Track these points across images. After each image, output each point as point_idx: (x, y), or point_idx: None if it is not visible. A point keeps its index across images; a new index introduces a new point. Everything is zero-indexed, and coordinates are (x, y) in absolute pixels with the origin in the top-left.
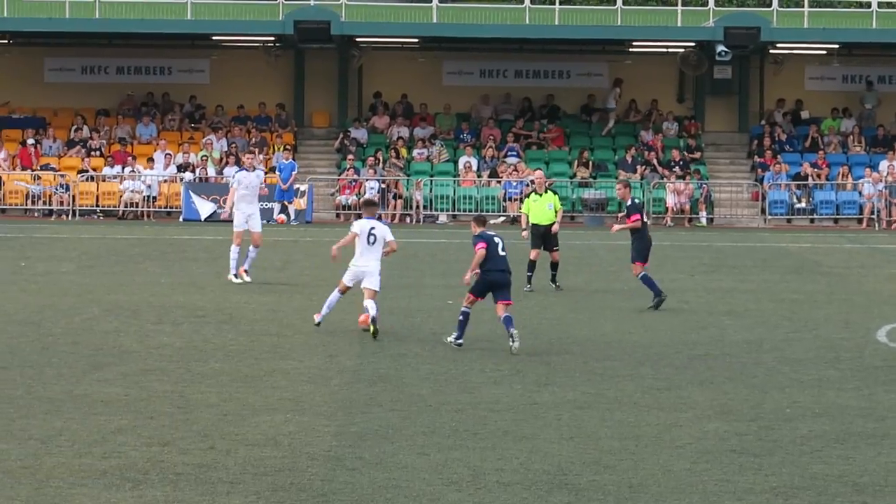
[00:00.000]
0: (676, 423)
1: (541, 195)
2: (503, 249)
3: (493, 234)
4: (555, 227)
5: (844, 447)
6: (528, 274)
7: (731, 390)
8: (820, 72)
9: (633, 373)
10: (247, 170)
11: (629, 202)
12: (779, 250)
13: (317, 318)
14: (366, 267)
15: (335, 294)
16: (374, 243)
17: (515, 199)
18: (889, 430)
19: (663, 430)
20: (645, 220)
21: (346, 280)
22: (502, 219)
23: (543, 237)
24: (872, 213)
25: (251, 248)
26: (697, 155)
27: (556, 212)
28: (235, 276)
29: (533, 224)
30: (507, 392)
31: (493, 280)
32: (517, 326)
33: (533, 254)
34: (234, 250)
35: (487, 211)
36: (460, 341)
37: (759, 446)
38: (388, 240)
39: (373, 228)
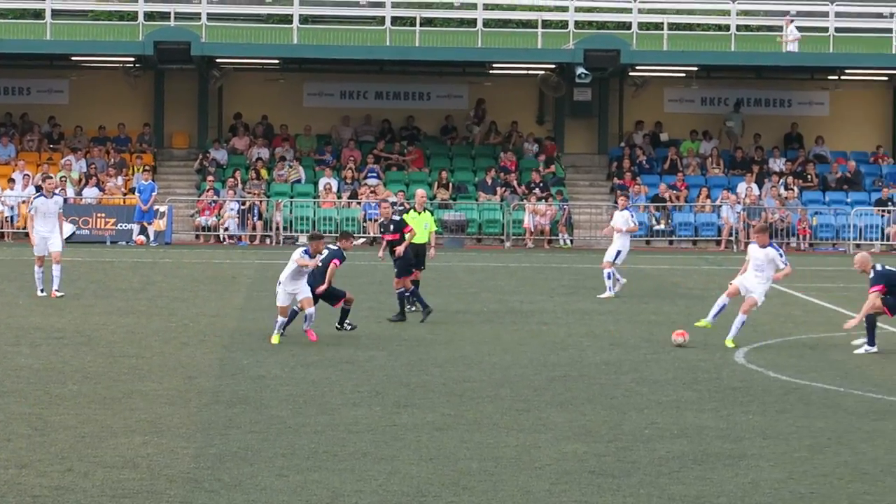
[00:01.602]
0: (535, 444)
1: (420, 213)
2: None
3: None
4: (431, 253)
5: (702, 468)
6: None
7: (590, 411)
8: (679, 94)
9: (493, 394)
10: (45, 196)
11: (396, 218)
12: (637, 272)
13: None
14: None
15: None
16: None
17: (376, 220)
18: (746, 450)
19: (522, 451)
20: (405, 236)
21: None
22: (362, 240)
23: (418, 256)
24: (731, 234)
25: (54, 265)
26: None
27: (429, 232)
28: (41, 290)
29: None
30: (366, 413)
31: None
32: (374, 348)
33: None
34: (37, 271)
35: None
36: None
37: (617, 467)
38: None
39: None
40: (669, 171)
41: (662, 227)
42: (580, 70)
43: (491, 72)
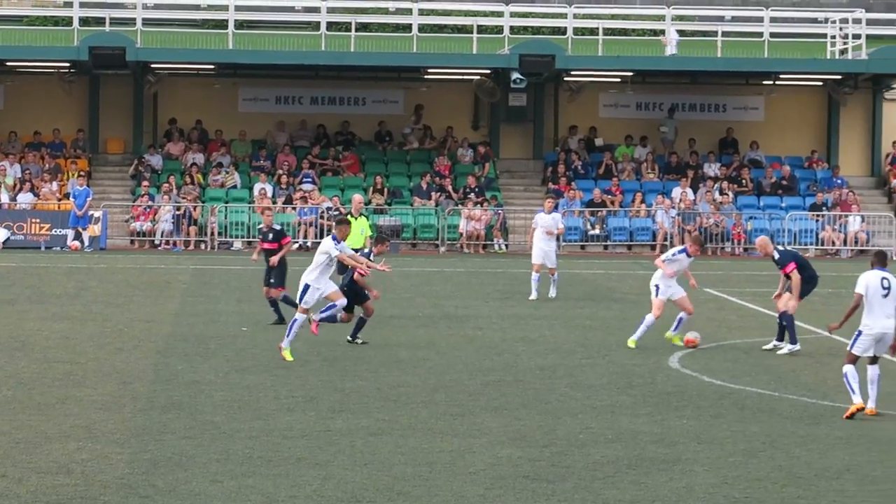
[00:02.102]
0: (470, 449)
1: (356, 218)
2: None
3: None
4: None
5: (637, 473)
6: None
7: (525, 416)
8: (614, 99)
9: (427, 399)
10: None
11: (276, 227)
12: (573, 277)
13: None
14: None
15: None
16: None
17: (311, 226)
18: (680, 455)
19: (457, 456)
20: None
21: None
22: (297, 245)
23: None
24: (665, 239)
25: None
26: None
27: (365, 237)
28: None
29: None
30: (300, 419)
31: None
32: (309, 354)
33: None
34: None
35: None
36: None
37: (551, 472)
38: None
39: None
40: (604, 176)
41: (597, 231)
42: (515, 75)
43: (426, 77)
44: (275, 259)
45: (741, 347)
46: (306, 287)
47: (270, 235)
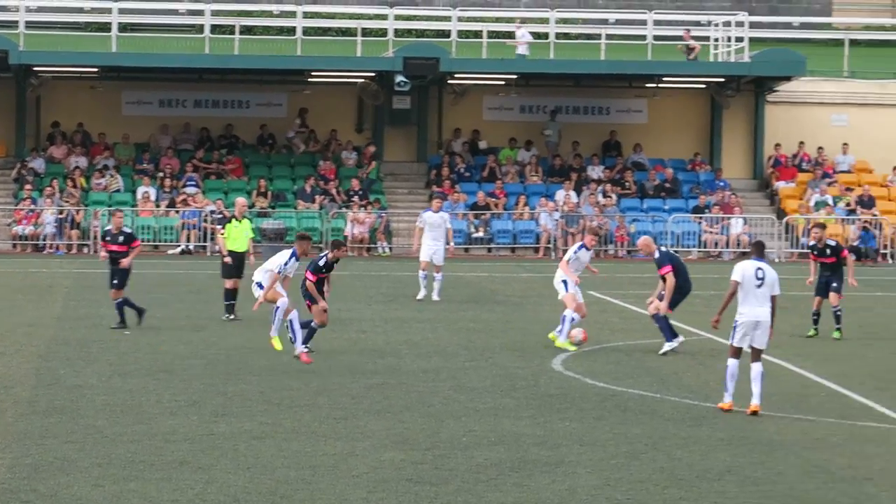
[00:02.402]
0: (353, 452)
1: (240, 221)
2: None
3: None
4: (251, 261)
5: (520, 475)
6: (229, 303)
7: (408, 419)
8: (498, 102)
9: (311, 402)
10: None
11: (127, 230)
12: (456, 279)
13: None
14: None
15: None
16: None
17: (194, 230)
18: (563, 457)
19: (340, 459)
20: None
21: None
22: (180, 248)
23: (238, 265)
24: (549, 242)
25: None
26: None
27: (248, 240)
28: None
29: (230, 251)
30: (183, 422)
31: None
32: (192, 357)
33: (230, 283)
34: None
35: (165, 241)
36: None
37: (434, 475)
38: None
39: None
40: (488, 179)
41: (481, 234)
42: (399, 78)
43: (310, 80)
44: (126, 261)
45: (624, 350)
46: (259, 285)
47: (121, 238)
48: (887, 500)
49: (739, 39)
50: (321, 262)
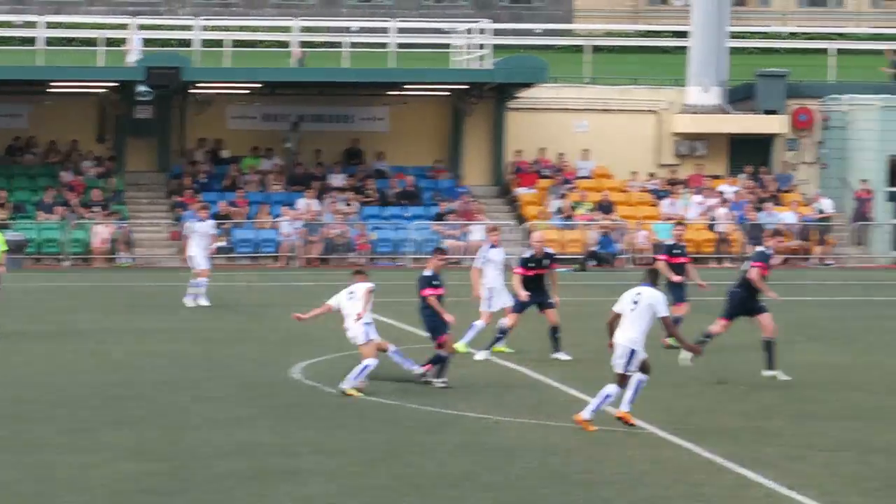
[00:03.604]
0: (91, 464)
1: None
2: None
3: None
4: (1, 270)
5: (258, 484)
6: None
7: (147, 431)
8: (241, 111)
9: (48, 415)
10: None
11: None
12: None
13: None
14: None
15: None
16: None
17: None
18: (302, 465)
19: (78, 471)
20: None
21: None
22: None
23: None
24: (290, 250)
25: None
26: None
27: (2, 253)
28: None
29: None
30: None
31: None
32: None
33: None
34: None
35: None
36: None
37: (172, 486)
38: None
39: None
40: (230, 188)
41: (223, 243)
42: (141, 88)
43: (48, 90)
44: None
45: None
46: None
47: None
48: (623, 503)
49: (482, 46)
50: (427, 273)
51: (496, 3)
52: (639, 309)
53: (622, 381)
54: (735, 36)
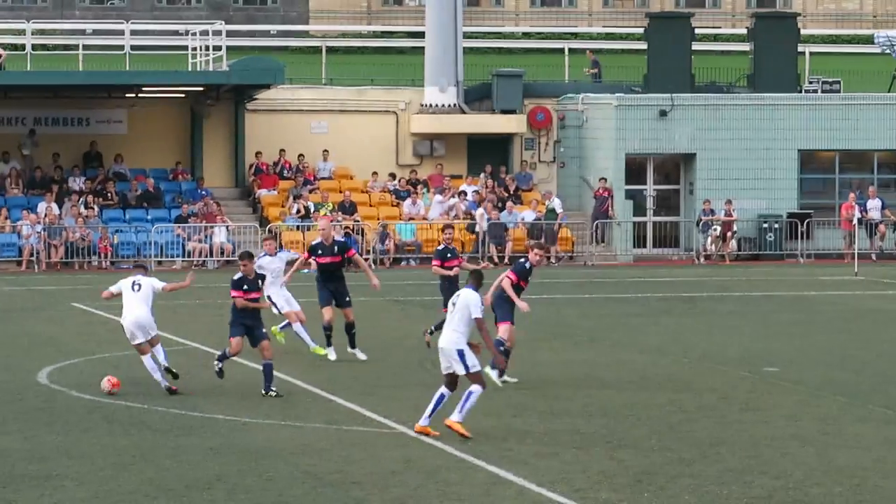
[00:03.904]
0: None
1: None
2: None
3: None
4: None
5: (7, 490)
6: None
7: None
8: None
9: None
10: None
11: None
12: None
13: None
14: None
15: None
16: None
17: None
18: (52, 470)
19: None
20: None
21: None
22: None
23: None
24: (32, 255)
25: None
26: None
27: None
28: None
29: None
30: None
31: None
32: None
33: None
34: None
35: None
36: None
37: None
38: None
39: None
40: None
41: None
42: None
43: None
44: None
45: (111, 361)
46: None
47: None
48: (376, 502)
49: (217, 48)
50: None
51: (230, 4)
52: (457, 308)
53: (455, 382)
54: (470, 36)
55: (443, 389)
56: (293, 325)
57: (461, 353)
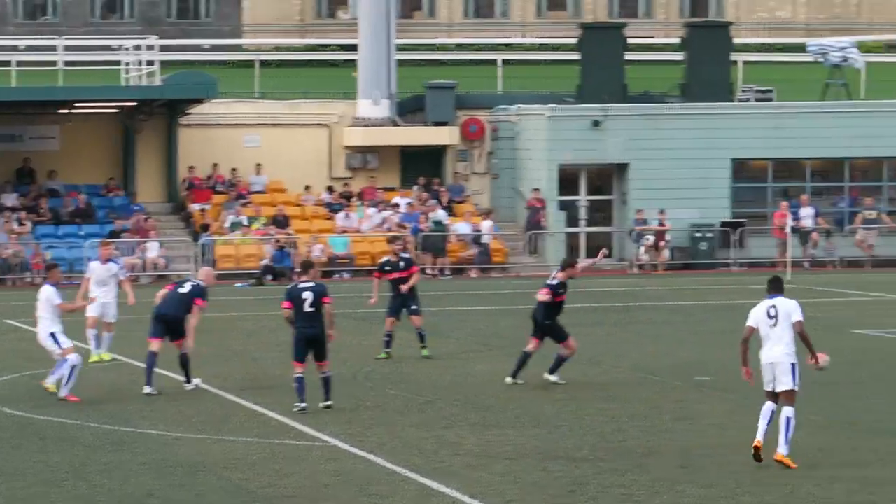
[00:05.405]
0: None
1: None
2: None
3: (306, 285)
4: None
5: None
6: None
7: None
8: None
9: None
10: None
11: None
12: None
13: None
14: None
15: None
16: None
17: None
18: None
19: None
20: None
21: None
22: None
23: None
24: None
25: None
26: None
27: None
28: None
29: None
30: None
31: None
32: None
33: None
34: None
35: None
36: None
37: None
38: None
39: None
40: None
41: None
42: None
43: None
44: None
45: (42, 377)
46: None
47: None
48: None
49: (151, 63)
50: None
51: (164, 19)
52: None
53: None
54: (403, 48)
55: (771, 405)
56: (87, 330)
57: (793, 367)
